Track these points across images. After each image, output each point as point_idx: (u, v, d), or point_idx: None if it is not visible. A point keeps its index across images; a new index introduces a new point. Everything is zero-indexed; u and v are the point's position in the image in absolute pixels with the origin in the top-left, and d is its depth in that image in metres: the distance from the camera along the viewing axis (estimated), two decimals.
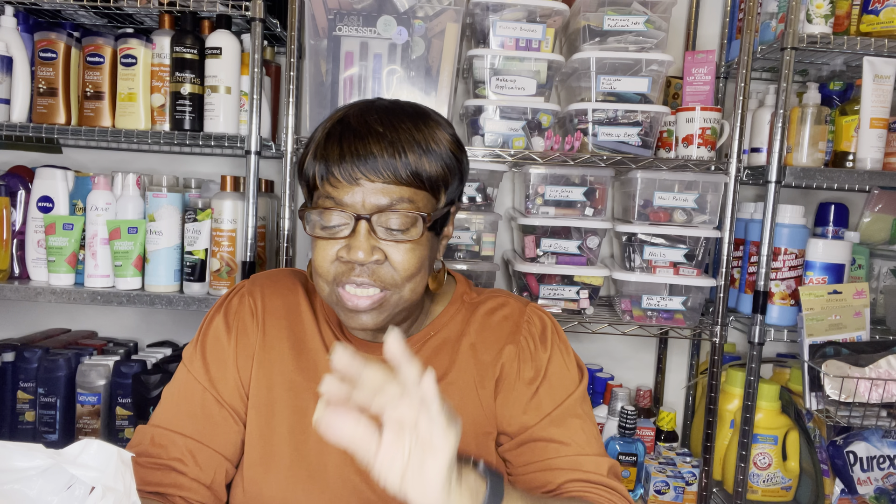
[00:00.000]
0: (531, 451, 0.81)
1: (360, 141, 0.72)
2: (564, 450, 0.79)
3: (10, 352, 1.49)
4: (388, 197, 0.72)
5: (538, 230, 1.45)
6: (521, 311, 0.86)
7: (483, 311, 0.86)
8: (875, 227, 1.60)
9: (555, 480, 0.78)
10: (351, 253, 0.72)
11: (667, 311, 1.45)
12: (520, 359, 0.82)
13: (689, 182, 1.43)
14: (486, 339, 0.84)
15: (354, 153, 0.71)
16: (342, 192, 0.72)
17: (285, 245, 1.40)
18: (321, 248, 0.74)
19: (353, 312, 0.74)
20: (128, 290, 1.37)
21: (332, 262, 0.74)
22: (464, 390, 0.82)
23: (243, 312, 0.86)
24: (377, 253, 0.72)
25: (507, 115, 1.41)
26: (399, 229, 0.73)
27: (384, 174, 0.71)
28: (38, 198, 1.39)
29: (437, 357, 0.83)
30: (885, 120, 1.40)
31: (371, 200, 0.72)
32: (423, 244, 0.75)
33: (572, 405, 0.82)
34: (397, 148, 0.72)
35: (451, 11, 1.34)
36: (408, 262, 0.73)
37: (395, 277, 0.74)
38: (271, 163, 1.73)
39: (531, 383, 0.81)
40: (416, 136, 0.73)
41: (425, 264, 0.76)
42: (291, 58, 1.36)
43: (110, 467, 0.58)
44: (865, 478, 1.45)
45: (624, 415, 1.46)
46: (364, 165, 0.71)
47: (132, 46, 1.38)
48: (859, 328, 1.42)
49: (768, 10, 1.45)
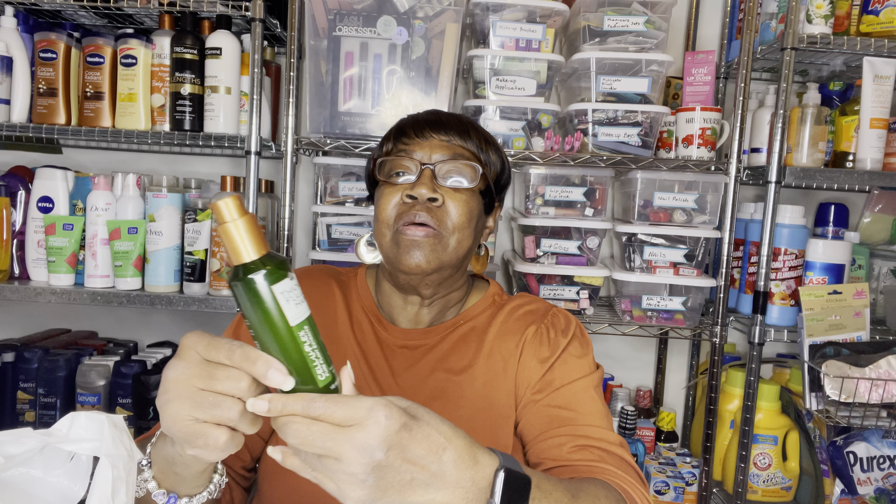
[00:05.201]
0: (539, 419, 0.83)
1: (432, 114, 0.89)
2: (573, 417, 0.82)
3: (10, 352, 1.49)
4: (451, 152, 0.84)
5: (538, 230, 1.45)
6: (547, 308, 0.93)
7: (510, 307, 0.92)
8: (875, 227, 1.60)
9: (563, 446, 0.80)
10: (415, 189, 0.81)
11: (667, 311, 1.45)
12: (538, 341, 0.87)
13: (689, 182, 1.43)
14: (510, 328, 0.89)
15: (426, 118, 0.87)
16: (413, 147, 0.85)
17: (285, 245, 1.40)
18: (387, 193, 0.84)
19: (409, 248, 0.81)
20: (128, 290, 1.37)
21: (395, 205, 0.83)
22: (487, 377, 0.86)
23: None
24: (438, 195, 0.81)
25: (507, 115, 1.41)
26: (458, 177, 0.84)
27: (450, 133, 0.85)
28: (38, 198, 1.39)
29: (464, 344, 0.89)
30: (885, 120, 1.40)
31: (436, 153, 0.84)
32: (474, 202, 0.85)
33: (584, 385, 0.85)
34: (463, 124, 0.88)
35: (451, 12, 1.34)
36: (461, 210, 0.83)
37: (448, 222, 0.82)
38: (271, 163, 1.73)
39: (545, 361, 0.86)
40: (479, 129, 0.90)
41: (472, 225, 0.84)
42: (291, 58, 1.36)
43: (105, 435, 0.57)
44: (865, 478, 1.45)
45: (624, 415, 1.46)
46: (434, 126, 0.86)
47: (132, 47, 1.38)
48: (859, 328, 1.42)
49: (768, 10, 1.45)
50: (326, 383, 0.53)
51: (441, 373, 0.87)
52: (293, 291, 0.51)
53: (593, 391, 0.85)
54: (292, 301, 0.51)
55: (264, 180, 1.56)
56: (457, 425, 0.79)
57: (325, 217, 1.46)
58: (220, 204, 0.50)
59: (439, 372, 0.87)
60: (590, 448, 0.79)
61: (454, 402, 0.86)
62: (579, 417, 0.82)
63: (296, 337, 0.52)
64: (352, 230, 1.46)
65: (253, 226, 0.51)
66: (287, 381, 0.51)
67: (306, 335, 0.52)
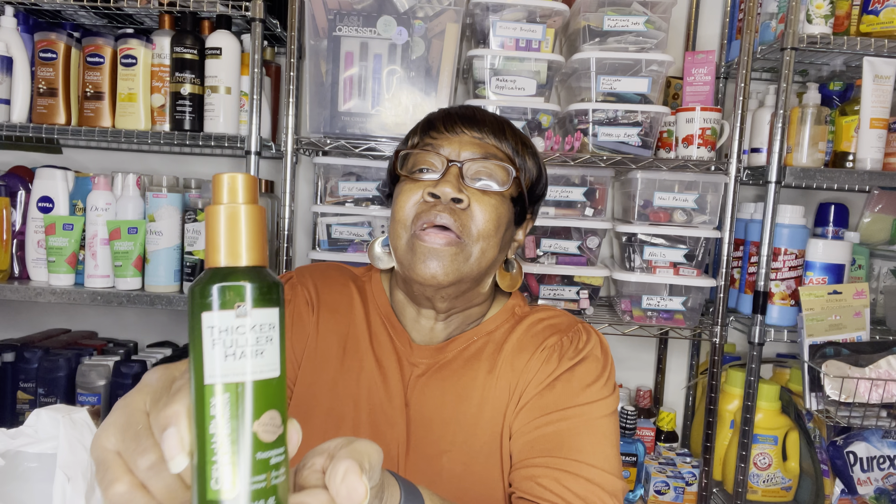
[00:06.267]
0: (521, 444, 0.74)
1: (466, 109, 0.80)
2: (558, 447, 0.71)
3: (10, 352, 1.49)
4: (483, 150, 0.76)
5: (538, 230, 1.45)
6: (571, 324, 0.82)
7: (531, 321, 0.83)
8: (875, 227, 1.60)
9: (536, 478, 0.70)
10: (438, 187, 0.72)
11: (667, 311, 1.45)
12: (548, 357, 0.78)
13: (689, 182, 1.43)
14: (527, 344, 0.80)
15: (459, 112, 0.79)
16: (441, 142, 0.77)
17: (285, 245, 1.40)
18: (407, 190, 0.75)
19: (425, 257, 0.72)
20: (128, 290, 1.37)
21: (415, 203, 0.74)
22: (502, 400, 0.78)
23: (298, 302, 0.83)
24: (463, 195, 0.72)
25: (507, 115, 1.41)
26: (488, 179, 0.75)
27: (484, 130, 0.77)
28: (38, 198, 1.39)
29: (478, 362, 0.80)
30: (885, 120, 1.40)
31: (466, 151, 0.76)
32: (503, 209, 0.76)
33: (587, 413, 0.73)
34: (500, 123, 0.79)
35: (451, 12, 1.34)
36: (487, 216, 0.73)
37: (472, 228, 0.73)
38: (271, 163, 1.73)
39: (545, 380, 0.76)
40: (517, 131, 0.81)
41: (500, 234, 0.75)
42: (291, 58, 1.36)
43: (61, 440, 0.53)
44: (865, 478, 1.45)
45: (624, 415, 1.46)
46: (467, 122, 0.77)
47: (132, 47, 1.38)
48: (859, 328, 1.42)
49: (768, 10, 1.45)
50: (214, 500, 0.33)
51: (453, 396, 0.78)
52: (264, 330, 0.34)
53: (598, 421, 0.74)
54: (245, 346, 0.34)
55: (264, 180, 1.56)
56: (474, 456, 0.76)
57: (325, 217, 1.46)
58: (224, 178, 0.35)
59: (451, 396, 0.78)
60: (566, 488, 0.68)
61: (468, 429, 0.77)
62: (567, 449, 0.71)
63: (204, 403, 0.33)
64: (352, 230, 1.46)
65: (257, 222, 0.36)
66: (176, 459, 0.34)
67: (222, 408, 0.33)
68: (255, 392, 0.34)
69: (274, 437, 0.35)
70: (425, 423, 0.77)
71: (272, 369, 0.35)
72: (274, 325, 0.35)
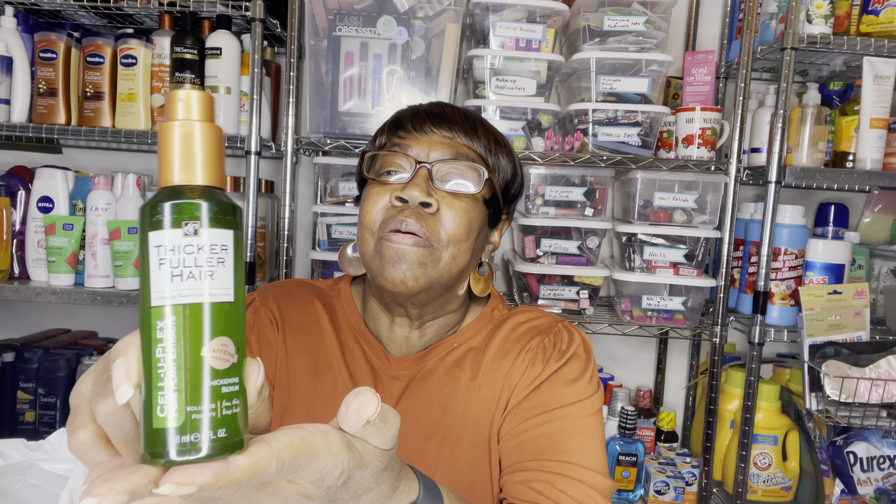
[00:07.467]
0: (510, 448, 0.73)
1: (436, 106, 0.77)
2: (547, 450, 0.70)
3: (10, 352, 1.49)
4: (453, 150, 0.73)
5: (538, 230, 1.45)
6: (551, 324, 0.80)
7: (511, 324, 0.80)
8: (875, 227, 1.60)
9: (528, 483, 0.68)
10: (406, 191, 0.69)
11: (667, 311, 1.45)
12: (532, 359, 0.76)
13: (689, 182, 1.43)
14: (509, 348, 0.77)
15: (427, 110, 0.76)
16: (409, 141, 0.74)
17: (285, 245, 1.40)
18: (374, 194, 0.72)
19: (393, 260, 0.68)
20: (128, 290, 1.37)
21: (382, 207, 0.71)
22: (485, 408, 0.76)
23: (262, 324, 0.79)
24: (432, 199, 0.69)
25: (507, 115, 1.41)
26: (459, 180, 0.72)
27: (454, 129, 0.74)
28: (38, 198, 1.39)
29: (459, 370, 0.77)
30: (885, 120, 1.40)
31: (436, 151, 0.72)
32: (476, 212, 0.73)
33: (574, 413, 0.72)
34: (471, 120, 0.76)
35: (451, 12, 1.34)
36: (458, 220, 0.70)
37: (441, 233, 0.70)
38: (271, 163, 1.73)
39: (532, 383, 0.75)
40: (490, 127, 0.78)
41: (471, 238, 0.72)
42: (291, 58, 1.36)
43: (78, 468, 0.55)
44: (865, 478, 1.45)
45: (624, 415, 1.46)
46: (436, 120, 0.74)
47: (132, 47, 1.38)
48: (859, 328, 1.42)
49: (768, 10, 1.45)
50: (161, 429, 0.31)
51: (437, 408, 0.75)
52: (215, 251, 0.33)
53: (586, 421, 0.73)
54: (193, 266, 0.32)
55: (264, 180, 1.56)
56: (461, 470, 0.73)
57: (325, 217, 1.46)
58: (180, 92, 0.34)
59: (435, 407, 0.76)
60: (561, 491, 0.67)
61: (454, 441, 0.75)
62: (558, 451, 0.69)
63: (151, 327, 0.32)
64: (352, 230, 1.46)
65: (213, 141, 0.34)
66: (121, 389, 0.32)
67: (169, 331, 0.32)
68: (204, 315, 0.32)
69: (226, 366, 0.33)
70: (408, 437, 0.75)
71: (224, 293, 0.33)
72: (227, 248, 0.33)
